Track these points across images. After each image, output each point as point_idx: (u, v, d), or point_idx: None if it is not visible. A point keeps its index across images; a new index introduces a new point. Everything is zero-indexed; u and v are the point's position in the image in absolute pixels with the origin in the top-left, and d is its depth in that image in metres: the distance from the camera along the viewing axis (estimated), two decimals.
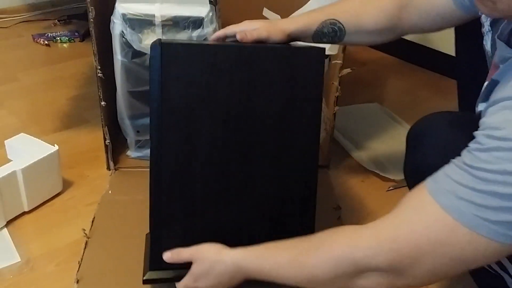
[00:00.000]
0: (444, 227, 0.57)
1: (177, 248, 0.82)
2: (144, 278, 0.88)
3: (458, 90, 1.13)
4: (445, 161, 0.76)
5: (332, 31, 0.88)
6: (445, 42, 1.90)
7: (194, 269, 0.80)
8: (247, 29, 0.86)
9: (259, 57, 0.84)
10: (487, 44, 0.88)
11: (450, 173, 0.60)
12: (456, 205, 0.57)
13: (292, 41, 0.90)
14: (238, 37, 0.86)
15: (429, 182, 0.62)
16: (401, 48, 2.03)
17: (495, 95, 0.62)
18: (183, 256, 0.81)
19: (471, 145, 0.59)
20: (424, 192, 0.61)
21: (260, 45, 0.86)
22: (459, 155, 0.65)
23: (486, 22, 0.88)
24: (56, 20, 2.19)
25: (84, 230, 1.08)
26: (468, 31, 0.93)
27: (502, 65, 0.76)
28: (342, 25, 0.88)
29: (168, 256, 0.82)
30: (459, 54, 1.10)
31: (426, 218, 0.59)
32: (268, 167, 0.88)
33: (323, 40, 0.90)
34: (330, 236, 0.68)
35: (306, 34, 0.89)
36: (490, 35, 0.87)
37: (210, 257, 0.78)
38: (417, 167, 0.82)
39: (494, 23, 0.85)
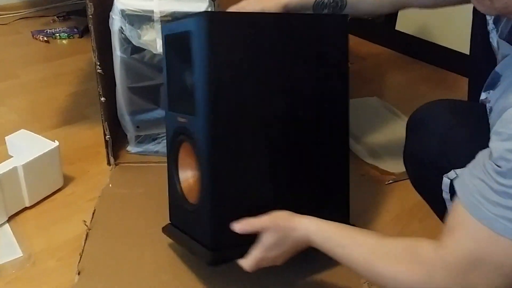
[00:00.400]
0: (507, 252, 0.59)
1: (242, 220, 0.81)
2: (209, 260, 0.85)
3: (469, 82, 1.13)
4: (443, 147, 0.76)
5: (333, 1, 0.88)
6: (445, 35, 1.90)
7: (266, 238, 0.79)
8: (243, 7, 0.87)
9: (292, 25, 0.85)
10: (494, 41, 0.88)
11: (490, 196, 0.60)
12: (510, 227, 0.58)
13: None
14: None
15: (471, 207, 0.62)
16: (401, 42, 2.03)
17: (508, 99, 0.62)
18: (255, 226, 0.80)
19: (502, 163, 0.59)
20: (469, 218, 0.61)
21: (291, 14, 0.88)
22: (458, 141, 0.65)
23: (490, 20, 0.89)
24: (55, 17, 2.19)
25: (84, 221, 1.09)
26: (483, 25, 0.94)
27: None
28: None
29: (239, 227, 0.81)
30: (473, 48, 1.11)
31: (486, 246, 0.60)
32: (309, 138, 0.89)
33: (324, 11, 0.89)
34: (404, 255, 0.67)
35: (305, 5, 0.89)
36: (494, 32, 0.87)
37: (284, 225, 0.78)
38: (416, 153, 0.83)
39: (496, 22, 0.86)
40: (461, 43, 1.14)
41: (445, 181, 0.75)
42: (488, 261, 0.60)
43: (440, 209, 0.82)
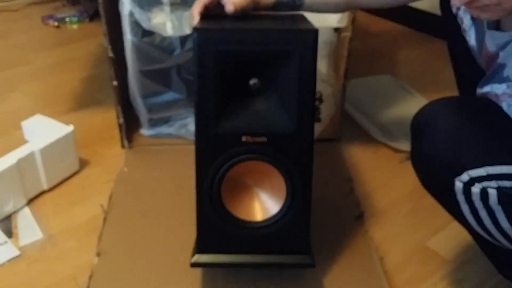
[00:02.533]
0: None
1: None
2: (311, 262, 0.90)
3: (455, 77, 1.12)
4: (454, 148, 0.75)
5: (291, 1, 0.90)
6: None
7: None
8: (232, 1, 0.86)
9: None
10: (471, 39, 0.87)
11: None
12: None
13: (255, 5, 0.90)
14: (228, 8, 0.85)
15: None
16: (413, 18, 2.00)
17: None
18: None
19: None
20: None
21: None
22: (468, 142, 0.66)
23: (466, 17, 0.87)
24: (65, 1, 2.20)
25: (102, 206, 1.11)
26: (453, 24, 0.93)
27: (502, 51, 0.76)
28: None
29: None
30: (450, 45, 1.10)
31: None
32: None
33: (281, 9, 0.91)
34: None
35: (266, 1, 0.90)
36: (473, 29, 0.86)
37: None
38: (426, 155, 0.81)
39: (475, 17, 0.84)
40: None
41: (458, 184, 0.75)
42: None
43: (454, 210, 0.81)
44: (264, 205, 0.89)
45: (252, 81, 0.83)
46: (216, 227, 0.88)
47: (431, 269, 1.00)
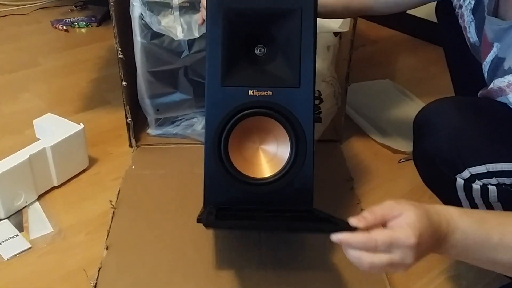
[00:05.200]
0: None
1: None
2: None
3: (452, 82, 1.15)
4: (455, 146, 0.76)
5: None
6: None
7: (406, 218, 0.58)
8: None
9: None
10: (472, 35, 0.89)
11: None
12: None
13: None
14: None
15: None
16: (412, 25, 2.05)
17: None
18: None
19: None
20: None
21: None
22: (469, 140, 0.69)
23: (466, 12, 0.89)
24: (73, 6, 2.24)
25: (111, 201, 1.15)
26: (449, 21, 0.96)
27: (497, 42, 0.78)
28: None
29: (358, 223, 0.59)
30: (447, 52, 1.12)
31: None
32: None
33: None
34: None
35: None
36: (473, 24, 0.88)
37: (421, 205, 0.61)
38: (427, 153, 0.82)
39: (475, 10, 0.87)
40: None
41: (459, 181, 0.75)
42: None
43: (455, 206, 0.81)
44: (269, 162, 0.92)
45: (258, 48, 0.91)
46: (222, 182, 0.89)
47: (429, 265, 1.02)
